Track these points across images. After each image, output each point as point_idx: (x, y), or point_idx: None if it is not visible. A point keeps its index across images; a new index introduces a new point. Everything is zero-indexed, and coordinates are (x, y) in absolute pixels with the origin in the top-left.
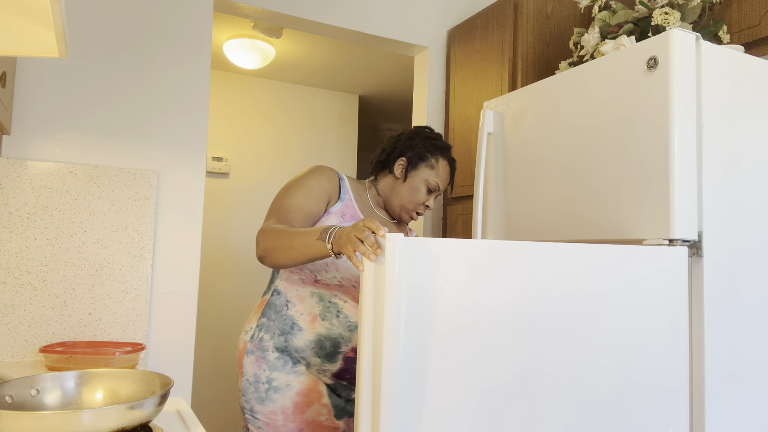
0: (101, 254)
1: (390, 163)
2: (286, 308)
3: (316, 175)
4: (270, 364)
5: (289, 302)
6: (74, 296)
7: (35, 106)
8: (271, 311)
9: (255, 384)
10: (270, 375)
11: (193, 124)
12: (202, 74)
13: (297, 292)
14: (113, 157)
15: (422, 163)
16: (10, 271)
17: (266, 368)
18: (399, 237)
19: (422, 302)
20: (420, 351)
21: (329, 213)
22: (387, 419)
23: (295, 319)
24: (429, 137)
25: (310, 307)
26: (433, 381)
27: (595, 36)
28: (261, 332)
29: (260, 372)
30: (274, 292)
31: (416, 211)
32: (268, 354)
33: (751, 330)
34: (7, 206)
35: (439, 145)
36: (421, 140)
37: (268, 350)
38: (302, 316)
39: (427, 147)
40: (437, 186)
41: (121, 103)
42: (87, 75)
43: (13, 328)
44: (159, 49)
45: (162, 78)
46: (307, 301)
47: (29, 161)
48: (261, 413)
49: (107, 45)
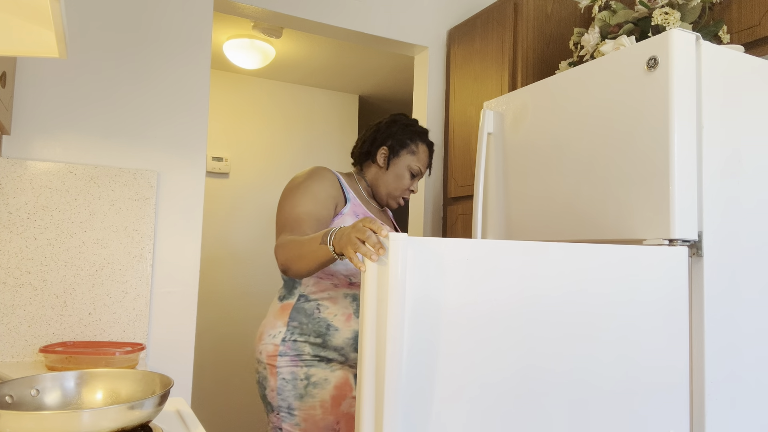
0: (101, 254)
1: (372, 154)
2: (318, 311)
3: (318, 179)
4: (307, 362)
5: (321, 306)
6: (74, 296)
7: (35, 106)
8: (301, 316)
9: (293, 381)
10: (308, 371)
11: (193, 124)
12: (202, 74)
13: (329, 295)
14: (113, 157)
15: (403, 150)
16: (10, 271)
17: (303, 365)
18: (402, 237)
19: (425, 302)
20: (425, 350)
21: (341, 215)
22: (390, 421)
23: (330, 320)
24: (407, 124)
25: (343, 307)
26: (438, 379)
27: (595, 36)
28: (294, 335)
29: (297, 370)
30: (301, 298)
31: (402, 196)
32: (304, 355)
33: (751, 330)
34: (7, 206)
35: (417, 131)
36: (400, 128)
37: (303, 351)
38: (336, 317)
39: (407, 134)
40: (419, 170)
41: (121, 103)
42: (87, 75)
43: (13, 328)
44: (159, 48)
45: (162, 78)
46: (340, 302)
47: (29, 161)
48: (300, 409)
49: (107, 45)
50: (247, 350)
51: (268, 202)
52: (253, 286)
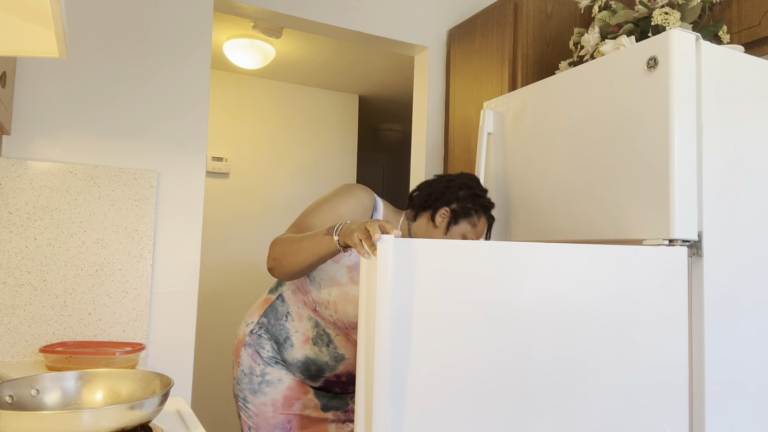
0: (101, 254)
1: (434, 209)
2: (285, 319)
3: (347, 196)
4: (264, 360)
5: (289, 315)
6: (74, 296)
7: (35, 106)
8: (272, 315)
9: (249, 376)
10: (264, 369)
11: (193, 124)
12: (202, 74)
13: (298, 309)
14: (113, 157)
15: (465, 220)
16: (10, 271)
17: (261, 363)
18: (390, 238)
19: (415, 300)
20: (425, 348)
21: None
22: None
23: (290, 333)
24: (477, 194)
25: (305, 328)
26: (439, 379)
27: (595, 36)
28: (260, 330)
29: (255, 366)
30: (279, 297)
31: None
32: (263, 351)
33: (751, 330)
34: (7, 206)
35: (485, 204)
36: (470, 196)
37: (264, 348)
38: (297, 333)
39: (474, 204)
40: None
41: (121, 103)
42: (87, 75)
43: (13, 328)
44: (159, 48)
45: (162, 78)
46: (304, 322)
47: (29, 161)
48: (253, 404)
49: (107, 45)
50: None
51: (269, 202)
52: (252, 287)
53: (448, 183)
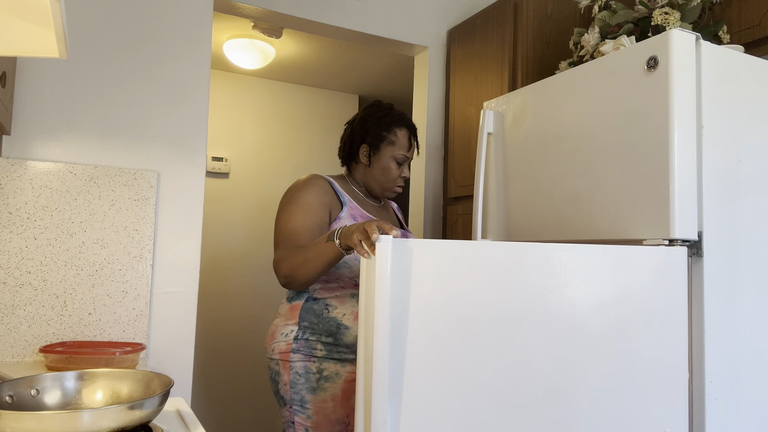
0: (101, 254)
1: (354, 155)
2: (327, 311)
3: (311, 189)
4: (319, 358)
5: (329, 306)
6: (74, 296)
7: (35, 106)
8: (310, 315)
9: (306, 375)
10: (320, 365)
11: (193, 124)
12: (202, 74)
13: (335, 296)
14: (113, 157)
15: (382, 143)
16: (10, 271)
17: (316, 361)
18: (388, 239)
19: (414, 301)
20: (427, 347)
21: (339, 219)
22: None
23: (339, 319)
24: (380, 117)
25: (351, 306)
26: (437, 380)
27: (595, 36)
28: (306, 334)
29: (310, 364)
30: (309, 299)
31: (396, 185)
32: (316, 351)
33: (750, 330)
34: (7, 206)
35: (390, 120)
36: (373, 123)
37: (316, 348)
38: (345, 316)
39: (381, 126)
40: (404, 156)
41: (121, 103)
42: (87, 75)
43: (13, 328)
44: (159, 48)
45: (162, 78)
46: (348, 302)
47: (29, 161)
48: (312, 402)
49: (107, 45)
50: (247, 350)
51: (268, 201)
52: (252, 286)
53: (352, 125)
